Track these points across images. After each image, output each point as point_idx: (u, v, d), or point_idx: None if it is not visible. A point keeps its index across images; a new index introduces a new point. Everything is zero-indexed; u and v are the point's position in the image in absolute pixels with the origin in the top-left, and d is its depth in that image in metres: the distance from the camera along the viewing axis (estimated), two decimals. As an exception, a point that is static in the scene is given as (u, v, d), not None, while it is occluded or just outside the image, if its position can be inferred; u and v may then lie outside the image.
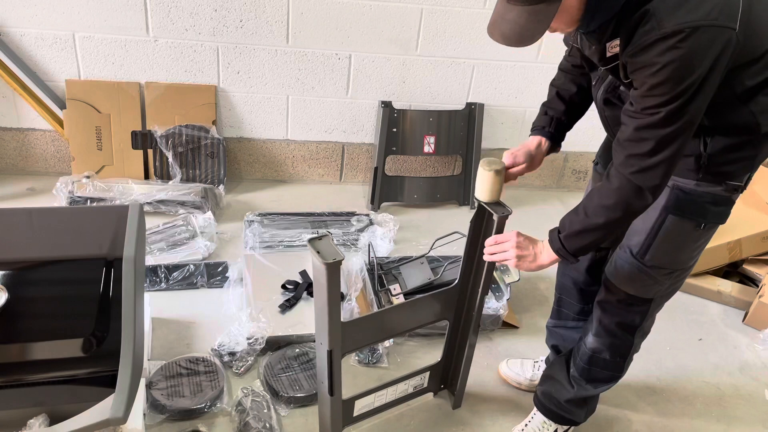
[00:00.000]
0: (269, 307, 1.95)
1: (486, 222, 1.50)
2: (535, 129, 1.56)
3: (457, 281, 1.59)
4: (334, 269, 1.24)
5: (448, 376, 1.79)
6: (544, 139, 1.54)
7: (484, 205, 1.45)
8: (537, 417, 1.69)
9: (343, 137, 2.79)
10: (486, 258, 1.45)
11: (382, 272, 2.15)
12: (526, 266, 1.40)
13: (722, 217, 1.35)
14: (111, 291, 1.38)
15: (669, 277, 1.42)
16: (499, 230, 1.46)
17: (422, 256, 2.17)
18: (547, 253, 1.38)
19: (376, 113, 2.74)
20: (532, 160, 1.52)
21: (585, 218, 1.31)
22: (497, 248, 1.42)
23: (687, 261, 1.42)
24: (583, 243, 1.33)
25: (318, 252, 1.23)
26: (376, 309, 2.04)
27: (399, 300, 2.05)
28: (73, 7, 2.35)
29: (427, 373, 1.72)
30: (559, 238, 1.35)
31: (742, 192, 1.34)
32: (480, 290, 1.57)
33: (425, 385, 1.75)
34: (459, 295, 1.62)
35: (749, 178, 1.33)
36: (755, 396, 1.95)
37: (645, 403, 1.87)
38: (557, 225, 1.38)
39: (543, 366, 1.86)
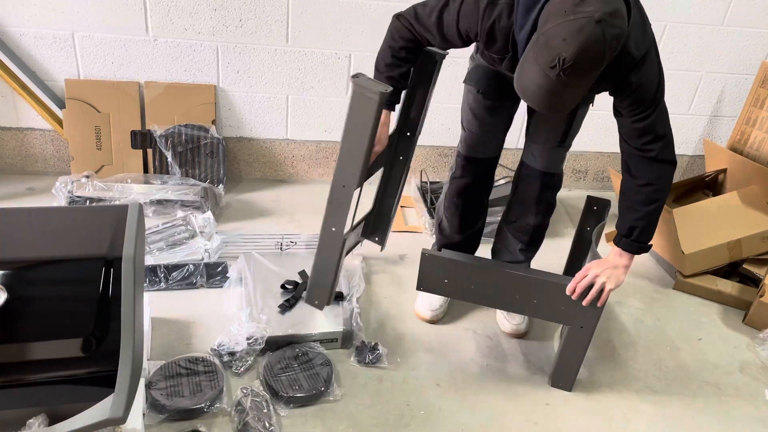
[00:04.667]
0: (269, 307, 1.95)
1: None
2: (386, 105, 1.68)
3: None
4: (381, 101, 1.37)
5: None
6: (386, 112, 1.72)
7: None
8: None
9: (342, 137, 2.79)
10: (587, 303, 1.67)
11: (432, 195, 2.67)
12: (619, 281, 1.66)
13: None
14: (110, 291, 1.37)
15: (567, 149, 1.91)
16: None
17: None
18: (623, 259, 1.68)
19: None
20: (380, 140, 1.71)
21: (646, 210, 1.61)
22: (581, 287, 1.65)
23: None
24: (654, 228, 1.64)
25: (363, 86, 1.32)
26: (429, 224, 2.52)
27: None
28: (73, 6, 2.35)
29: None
30: (633, 241, 1.65)
31: None
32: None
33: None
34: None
35: None
36: (755, 396, 1.95)
37: (645, 403, 1.87)
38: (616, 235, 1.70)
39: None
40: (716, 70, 2.88)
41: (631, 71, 1.45)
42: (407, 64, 1.67)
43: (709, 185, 2.79)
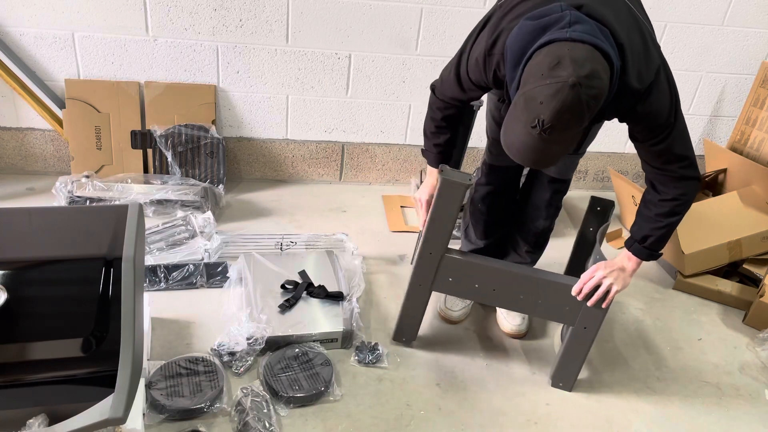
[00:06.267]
0: (269, 307, 1.95)
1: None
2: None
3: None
4: (466, 189, 1.64)
5: None
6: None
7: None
8: None
9: (342, 137, 2.79)
10: (592, 303, 1.68)
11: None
12: (626, 283, 1.67)
13: None
14: (110, 291, 1.37)
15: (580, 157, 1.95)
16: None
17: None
18: (632, 263, 1.68)
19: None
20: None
21: (667, 221, 1.61)
22: (589, 288, 1.66)
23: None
24: (668, 238, 1.65)
25: (451, 178, 1.61)
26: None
27: None
28: (73, 6, 2.35)
29: None
30: (645, 248, 1.65)
31: None
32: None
33: None
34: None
35: None
36: (755, 396, 1.95)
37: (645, 403, 1.87)
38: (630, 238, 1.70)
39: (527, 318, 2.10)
40: (716, 70, 2.88)
41: (636, 103, 1.43)
42: (450, 131, 1.77)
43: (709, 185, 2.79)
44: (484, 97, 1.94)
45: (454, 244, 2.38)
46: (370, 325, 2.03)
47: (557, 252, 2.33)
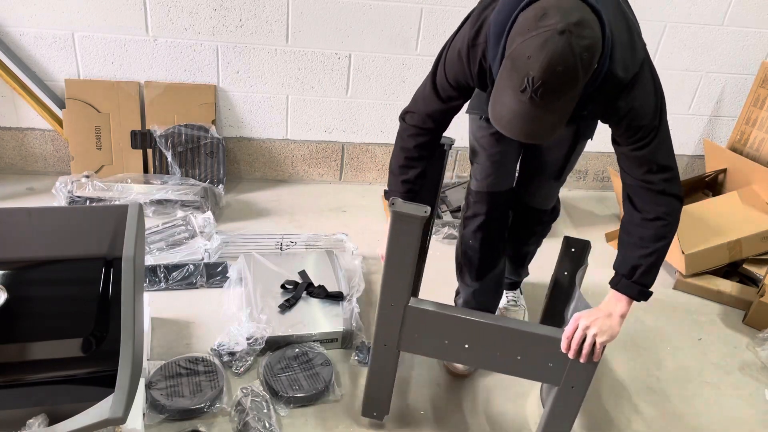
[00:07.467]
0: (269, 307, 1.95)
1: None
2: None
3: None
4: (422, 223, 1.38)
5: None
6: None
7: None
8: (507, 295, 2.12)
9: (342, 137, 2.79)
10: (584, 359, 1.41)
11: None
12: (614, 332, 1.41)
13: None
14: (110, 291, 1.37)
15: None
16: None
17: (466, 182, 2.48)
18: (620, 305, 1.45)
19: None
20: None
21: (655, 247, 1.43)
22: (576, 342, 1.41)
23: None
24: (658, 269, 1.46)
25: (404, 212, 1.37)
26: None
27: (446, 216, 2.61)
28: (73, 6, 2.35)
29: None
30: (634, 283, 1.44)
31: None
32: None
33: None
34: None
35: None
36: (755, 396, 1.95)
37: (645, 403, 1.87)
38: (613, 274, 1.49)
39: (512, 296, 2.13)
40: (716, 70, 2.88)
41: (618, 96, 1.32)
42: (421, 163, 1.58)
43: (709, 185, 2.79)
44: (456, 130, 1.81)
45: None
46: (370, 325, 2.03)
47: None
